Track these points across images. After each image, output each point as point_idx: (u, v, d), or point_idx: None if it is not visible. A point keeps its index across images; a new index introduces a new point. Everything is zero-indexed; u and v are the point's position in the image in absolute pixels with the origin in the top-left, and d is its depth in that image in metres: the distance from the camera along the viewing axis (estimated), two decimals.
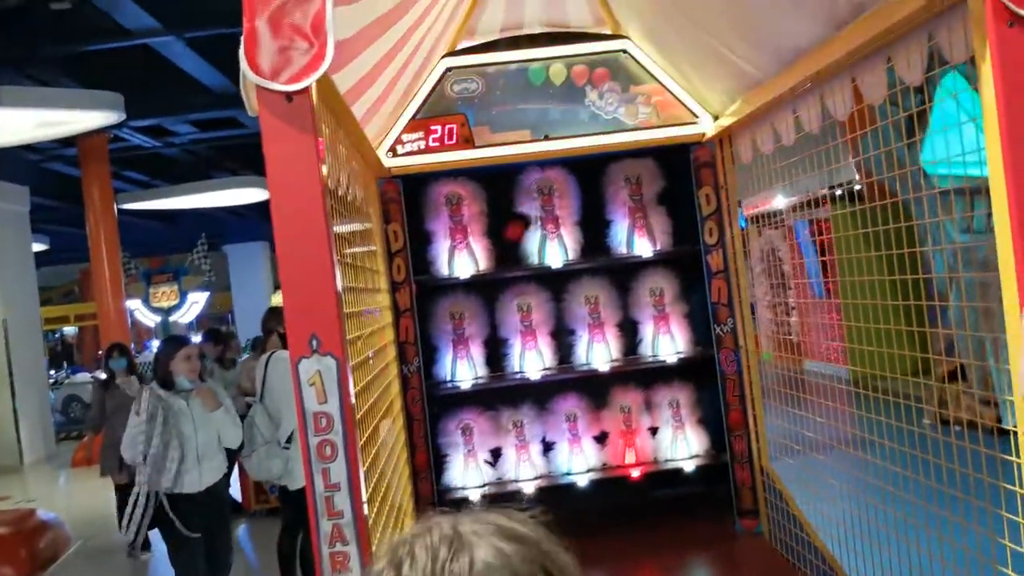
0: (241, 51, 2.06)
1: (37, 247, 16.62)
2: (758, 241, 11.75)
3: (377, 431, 3.29)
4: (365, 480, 2.57)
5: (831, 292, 10.53)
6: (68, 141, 13.50)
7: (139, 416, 4.80)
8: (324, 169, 2.36)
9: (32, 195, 14.55)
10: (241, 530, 8.33)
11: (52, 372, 18.57)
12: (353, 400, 2.16)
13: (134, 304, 17.64)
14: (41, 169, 15.83)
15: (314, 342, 2.09)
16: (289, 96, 2.09)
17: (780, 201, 8.50)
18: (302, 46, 2.06)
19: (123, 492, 6.60)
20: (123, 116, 11.23)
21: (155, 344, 17.46)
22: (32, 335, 14.42)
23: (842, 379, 5.22)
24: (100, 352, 11.54)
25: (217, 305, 22.86)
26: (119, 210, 14.63)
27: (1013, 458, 2.42)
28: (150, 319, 18.48)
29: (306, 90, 2.09)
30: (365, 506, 2.15)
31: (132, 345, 15.17)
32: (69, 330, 23.57)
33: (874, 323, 3.95)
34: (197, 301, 18.64)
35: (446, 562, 0.82)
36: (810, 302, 11.32)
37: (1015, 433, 2.39)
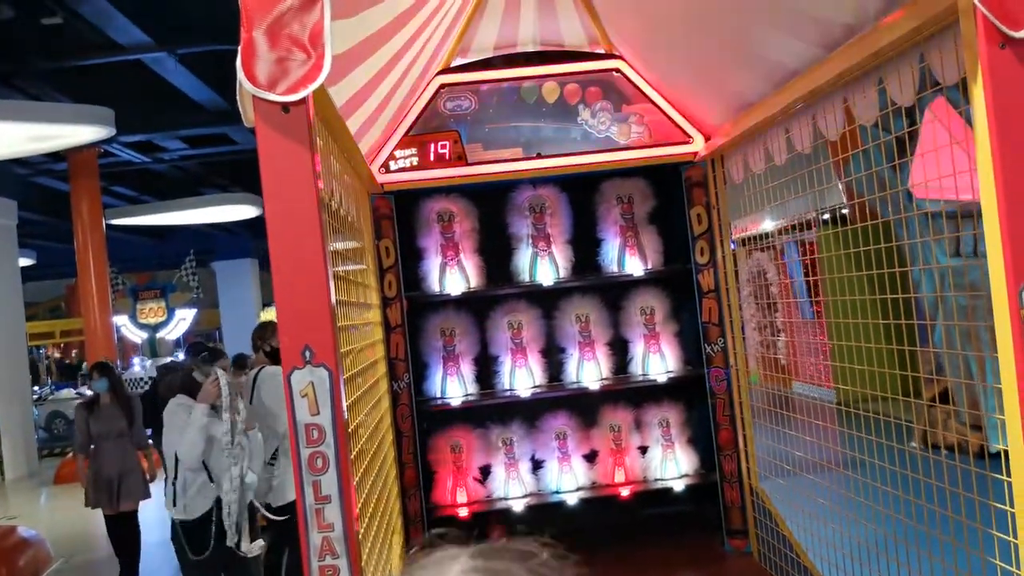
0: (238, 61, 2.06)
1: (23, 262, 16.53)
2: (747, 263, 11.80)
3: (367, 446, 3.27)
4: (356, 491, 2.56)
5: (819, 315, 10.57)
6: (58, 155, 13.47)
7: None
8: (320, 181, 2.36)
9: (20, 209, 14.48)
10: None
11: (36, 388, 18.42)
12: (345, 413, 2.15)
13: (121, 320, 17.54)
14: (29, 183, 15.78)
15: (307, 353, 2.08)
16: (286, 107, 2.09)
17: (769, 224, 8.54)
18: (299, 57, 2.06)
19: (115, 520, 6.16)
20: (113, 131, 11.22)
21: (136, 362, 17.39)
22: (16, 351, 14.31)
23: (830, 402, 5.23)
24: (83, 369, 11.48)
25: (205, 322, 22.77)
26: (107, 225, 14.58)
27: (1004, 477, 2.42)
28: (137, 335, 18.37)
29: (303, 101, 2.09)
30: (357, 520, 2.13)
31: (118, 361, 15.07)
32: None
33: (862, 344, 3.95)
34: (184, 318, 18.56)
35: None
36: (798, 324, 11.37)
37: (1005, 453, 2.39)
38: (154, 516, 6.57)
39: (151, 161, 15.20)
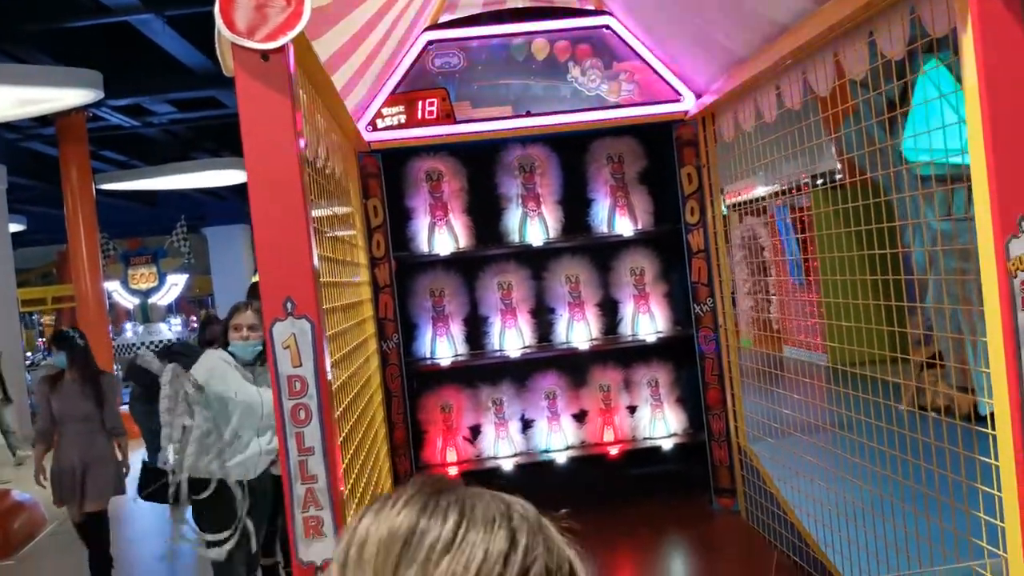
0: (216, 8, 2.03)
1: (14, 227, 16.41)
2: (739, 228, 11.76)
3: (355, 404, 3.27)
4: (342, 449, 2.56)
5: (812, 282, 10.57)
6: (46, 120, 13.33)
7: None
8: (301, 130, 2.33)
9: (9, 174, 14.35)
10: None
11: (29, 354, 18.39)
12: (329, 365, 2.14)
13: (112, 286, 17.44)
14: (18, 148, 15.63)
15: (289, 305, 2.06)
16: (265, 55, 2.05)
17: (761, 189, 8.50)
18: (279, 4, 2.02)
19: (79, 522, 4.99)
20: (101, 95, 11.08)
21: (128, 328, 17.34)
22: (8, 316, 14.25)
23: (821, 366, 5.23)
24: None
25: (197, 288, 22.68)
26: (97, 190, 14.46)
27: (988, 431, 2.43)
28: (129, 301, 18.28)
29: (283, 49, 2.06)
30: (341, 470, 2.13)
31: (110, 327, 15.02)
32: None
33: (853, 309, 3.93)
34: (176, 283, 18.44)
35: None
36: (789, 285, 11.37)
37: (992, 414, 2.40)
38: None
39: (140, 125, 15.04)
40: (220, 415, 4.05)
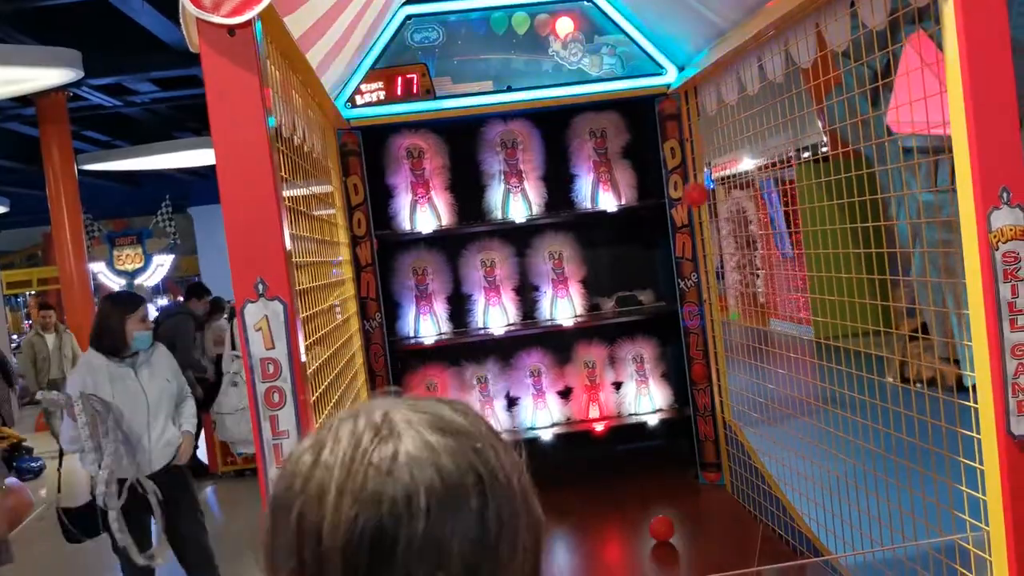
0: None
1: None
2: (726, 202, 11.73)
3: (335, 384, 3.24)
4: None
5: (798, 257, 10.57)
6: (26, 100, 13.16)
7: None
8: (270, 107, 2.29)
9: None
10: (208, 492, 8.28)
11: (15, 337, 18.29)
12: (303, 347, 2.10)
13: (98, 267, 17.33)
14: None
15: (260, 286, 2.03)
16: (231, 30, 2.00)
17: (748, 162, 8.47)
18: None
19: None
20: (81, 74, 10.94)
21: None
22: None
23: (807, 339, 5.22)
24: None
25: (183, 268, 22.56)
26: (80, 171, 14.30)
27: (971, 404, 2.42)
28: (114, 282, 18.17)
29: (248, 24, 2.00)
30: None
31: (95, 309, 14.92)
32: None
33: (837, 282, 3.90)
34: (162, 264, 18.33)
35: (367, 450, 0.75)
36: (776, 258, 11.37)
37: (974, 386, 2.38)
38: None
39: (122, 105, 14.89)
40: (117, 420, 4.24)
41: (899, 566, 3.03)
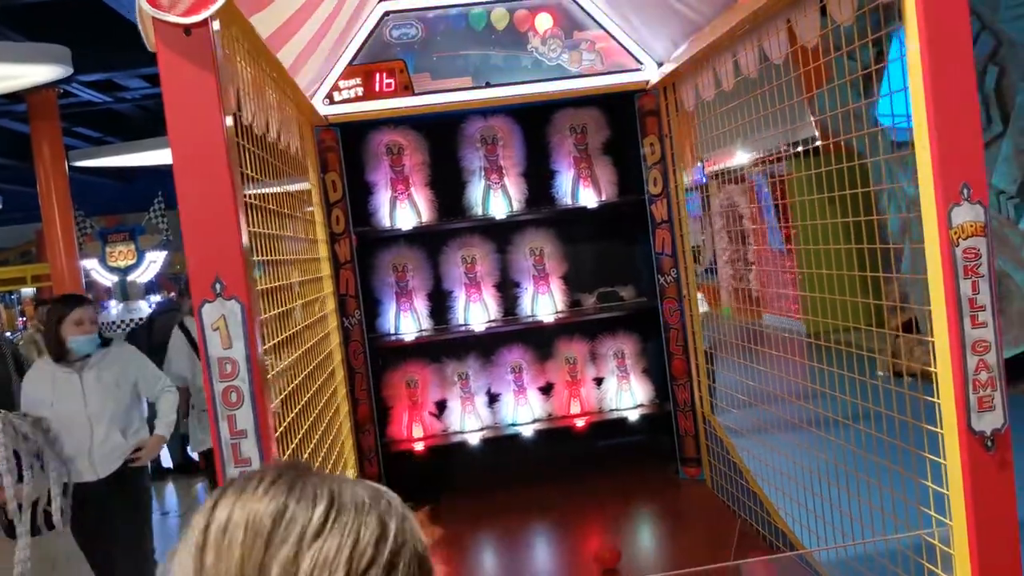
0: None
1: None
2: (718, 197, 11.73)
3: (308, 382, 3.24)
4: (294, 427, 2.53)
5: (790, 250, 10.57)
6: (17, 97, 13.13)
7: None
8: (233, 105, 2.28)
9: None
10: (199, 488, 8.30)
11: (8, 334, 18.25)
12: (261, 346, 2.10)
13: (90, 264, 17.30)
14: None
15: (217, 286, 2.02)
16: (187, 29, 2.00)
17: (742, 156, 8.46)
18: None
19: None
20: (70, 70, 10.92)
21: (112, 305, 17.22)
22: None
23: (799, 333, 5.21)
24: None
25: (177, 264, 22.54)
26: (72, 167, 14.30)
27: (935, 399, 2.42)
28: (107, 279, 18.14)
29: (205, 23, 2.00)
30: (275, 453, 2.10)
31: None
32: (27, 291, 23.17)
33: (828, 279, 3.87)
34: (155, 260, 18.28)
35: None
36: (768, 253, 11.36)
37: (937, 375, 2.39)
38: None
39: (113, 101, 14.88)
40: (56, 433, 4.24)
41: (870, 562, 3.04)
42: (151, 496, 4.79)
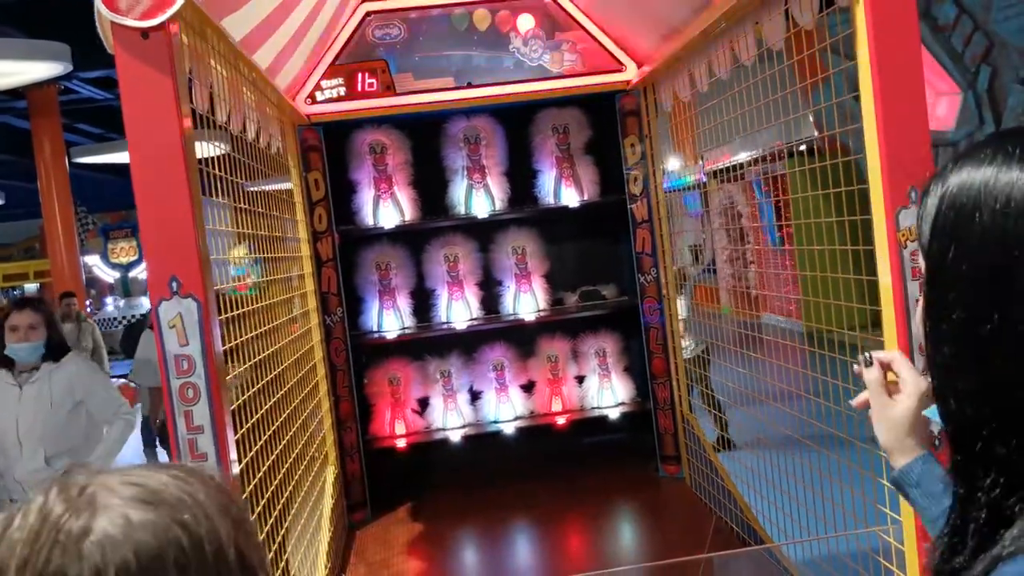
0: None
1: None
2: (717, 196, 11.73)
3: (282, 379, 3.29)
4: (264, 423, 2.57)
5: (787, 250, 10.57)
6: (17, 93, 13.21)
7: None
8: (201, 105, 2.33)
9: None
10: None
11: None
12: (218, 343, 2.14)
13: (93, 260, 17.44)
14: None
15: (174, 284, 2.07)
16: (144, 32, 2.04)
17: (743, 155, 8.46)
18: None
19: None
20: (69, 67, 10.98)
21: (110, 301, 17.30)
22: None
23: (796, 333, 5.22)
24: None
25: None
26: (74, 164, 14.38)
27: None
28: (109, 275, 18.29)
29: (163, 26, 2.04)
30: (232, 448, 2.14)
31: (88, 302, 14.98)
32: (30, 287, 23.28)
33: (823, 281, 3.84)
34: None
35: (57, 526, 0.71)
36: (767, 252, 11.37)
37: None
38: None
39: (113, 98, 14.93)
40: None
41: (834, 560, 3.07)
42: None
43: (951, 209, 0.85)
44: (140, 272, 18.14)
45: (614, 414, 4.78)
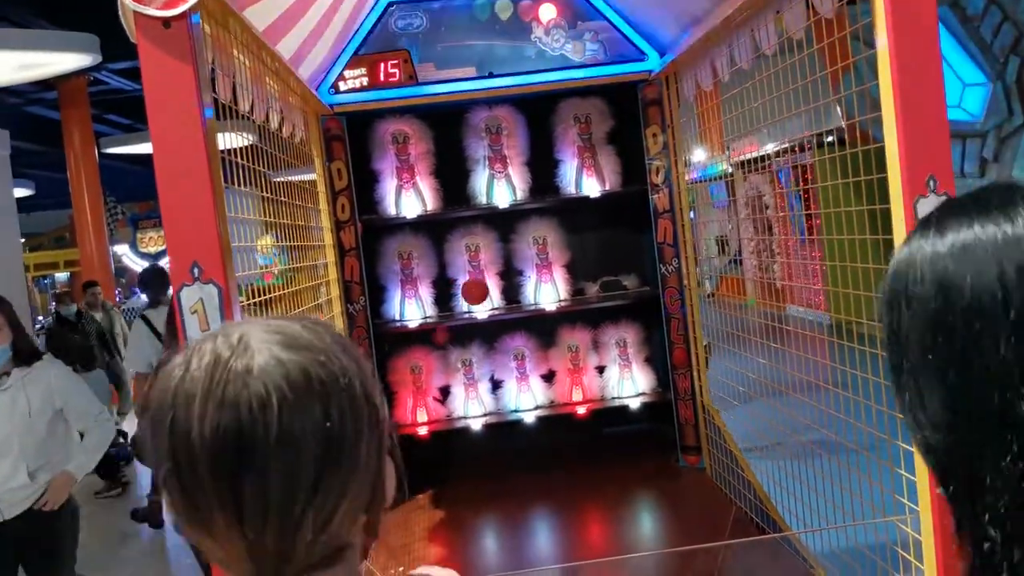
0: None
1: (23, 192, 16.49)
2: (743, 187, 11.66)
3: None
4: None
5: (814, 240, 10.49)
6: (48, 84, 13.37)
7: None
8: (223, 95, 2.36)
9: (13, 139, 14.40)
10: None
11: (41, 319, 18.59)
12: None
13: (122, 249, 17.62)
14: (22, 113, 15.70)
15: (195, 270, 2.10)
16: (166, 22, 2.07)
17: (768, 146, 8.40)
18: None
19: None
20: (99, 58, 11.05)
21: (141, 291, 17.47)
22: (14, 281, 14.39)
23: (822, 325, 5.18)
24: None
25: None
26: (104, 154, 14.50)
27: None
28: (138, 264, 18.46)
29: (184, 16, 2.07)
30: None
31: (117, 291, 15.14)
32: (60, 276, 23.59)
33: (852, 272, 3.80)
34: None
35: (228, 361, 0.88)
36: (793, 243, 11.26)
37: None
38: None
39: (141, 89, 15.08)
40: None
41: (852, 550, 3.07)
42: (74, 541, 3.95)
43: (890, 280, 0.85)
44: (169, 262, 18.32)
45: (634, 404, 4.78)
